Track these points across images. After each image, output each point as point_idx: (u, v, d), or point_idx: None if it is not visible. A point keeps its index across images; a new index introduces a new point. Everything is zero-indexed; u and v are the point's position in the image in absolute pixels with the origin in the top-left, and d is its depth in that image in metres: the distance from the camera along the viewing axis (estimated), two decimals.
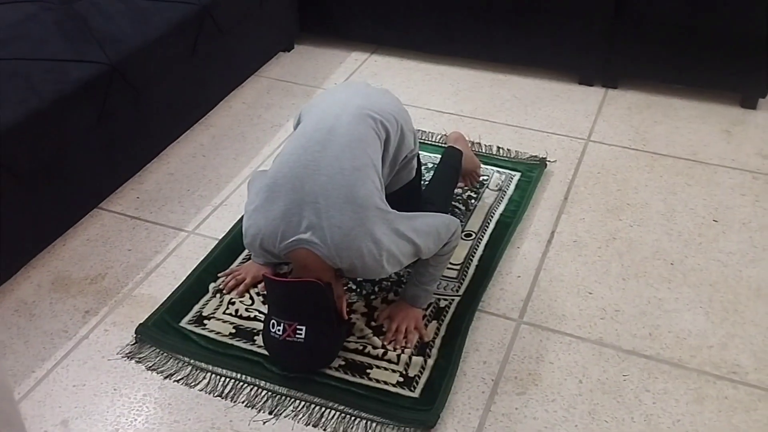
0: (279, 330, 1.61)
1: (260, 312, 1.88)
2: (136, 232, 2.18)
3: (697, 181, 2.35)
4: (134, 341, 1.82)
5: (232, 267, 2.02)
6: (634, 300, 1.91)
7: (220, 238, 2.13)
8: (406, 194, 1.87)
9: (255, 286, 1.95)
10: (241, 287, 1.94)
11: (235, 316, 1.87)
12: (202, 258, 2.06)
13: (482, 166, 2.37)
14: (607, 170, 2.40)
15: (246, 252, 2.06)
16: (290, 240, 1.57)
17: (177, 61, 2.38)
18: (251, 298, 1.92)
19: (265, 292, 1.92)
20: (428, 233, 1.66)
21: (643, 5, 2.63)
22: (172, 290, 1.95)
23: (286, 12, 3.01)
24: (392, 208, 1.64)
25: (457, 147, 2.21)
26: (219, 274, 2.00)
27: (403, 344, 1.77)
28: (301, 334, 1.59)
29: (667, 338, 1.81)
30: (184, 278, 1.99)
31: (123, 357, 1.78)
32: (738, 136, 2.56)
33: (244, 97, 2.83)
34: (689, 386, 1.69)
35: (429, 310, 1.87)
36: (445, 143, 2.35)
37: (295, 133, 1.72)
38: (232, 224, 2.18)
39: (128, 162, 2.31)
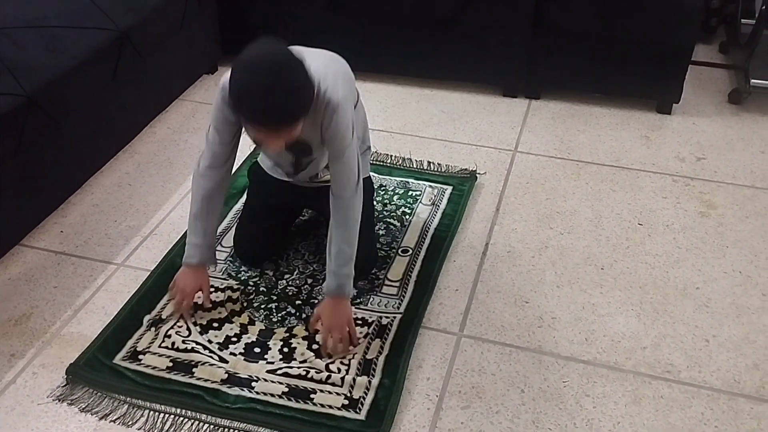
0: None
1: (197, 343, 1.83)
2: (62, 267, 2.09)
3: (621, 186, 2.42)
4: (65, 383, 1.74)
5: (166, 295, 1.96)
6: (569, 306, 1.96)
7: (152, 269, 2.07)
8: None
9: (197, 297, 1.90)
10: (187, 306, 1.87)
11: (172, 348, 1.82)
12: (134, 291, 1.99)
13: (415, 181, 2.39)
14: (535, 180, 2.46)
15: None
16: None
17: (97, 89, 2.31)
18: (188, 329, 1.87)
19: (201, 321, 1.88)
20: (352, 169, 1.71)
21: (560, 18, 2.72)
22: (104, 326, 1.88)
23: (208, 34, 2.97)
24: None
25: None
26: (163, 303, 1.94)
27: (343, 354, 1.76)
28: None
29: (602, 342, 1.85)
30: (116, 313, 1.92)
31: (54, 400, 1.70)
32: (656, 141, 2.66)
33: (168, 122, 2.77)
34: (626, 388, 1.73)
35: (372, 328, 1.86)
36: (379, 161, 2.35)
37: None
38: (164, 254, 2.12)
39: (50, 195, 2.22)
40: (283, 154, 1.82)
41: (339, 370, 1.76)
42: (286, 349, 1.82)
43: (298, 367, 1.77)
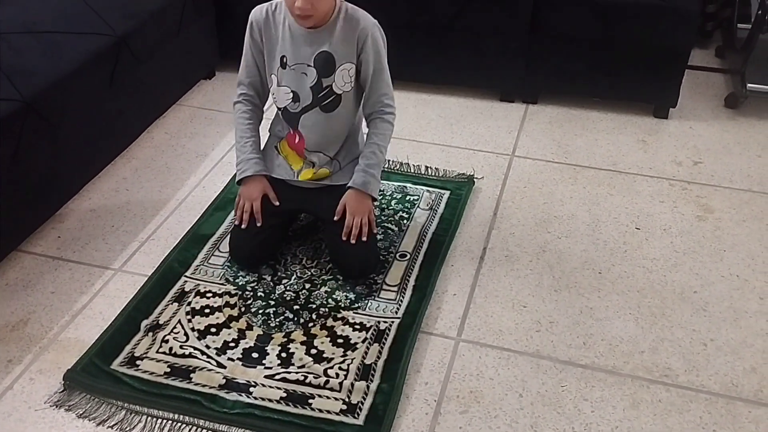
0: None
1: (195, 348, 1.83)
2: (59, 273, 2.09)
3: (619, 190, 2.43)
4: (63, 388, 1.73)
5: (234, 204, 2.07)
6: (567, 310, 1.96)
7: (149, 274, 2.07)
8: None
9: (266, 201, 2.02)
10: (257, 208, 1.99)
11: (170, 354, 1.81)
12: (131, 296, 1.99)
13: (412, 185, 2.40)
14: (533, 184, 2.46)
15: (176, 287, 2.01)
16: None
17: (94, 94, 2.31)
18: (185, 334, 1.87)
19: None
20: (389, 79, 1.98)
21: (556, 23, 2.72)
22: (101, 332, 1.88)
23: (206, 39, 2.98)
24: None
25: None
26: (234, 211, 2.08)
27: (357, 236, 1.94)
28: None
29: (600, 346, 1.85)
30: (113, 318, 1.92)
31: (51, 406, 1.70)
32: (653, 145, 2.67)
33: (166, 127, 2.77)
34: (624, 392, 1.73)
35: (370, 333, 1.86)
36: None
37: None
38: (161, 259, 2.12)
39: (47, 200, 2.22)
40: (308, 71, 1.90)
41: (337, 375, 1.75)
42: (284, 354, 1.81)
43: (296, 372, 1.76)
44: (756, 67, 2.82)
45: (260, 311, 1.94)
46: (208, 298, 1.98)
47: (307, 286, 2.02)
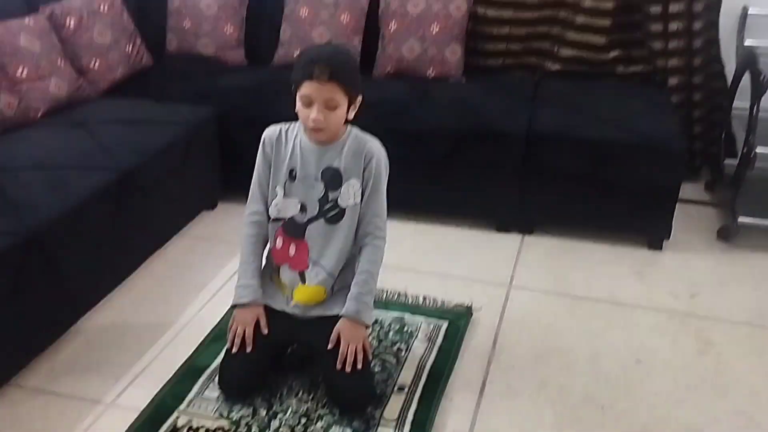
0: None
1: None
2: (50, 408, 2.04)
3: (617, 323, 2.42)
4: None
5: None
6: None
7: (142, 408, 2.02)
8: None
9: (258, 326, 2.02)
10: (249, 334, 2.00)
11: None
12: None
13: (410, 316, 2.39)
14: (531, 316, 2.45)
15: (168, 423, 1.95)
16: None
17: (98, 228, 2.35)
18: None
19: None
20: (384, 204, 2.05)
21: (550, 159, 2.82)
22: None
23: (209, 173, 3.06)
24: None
25: None
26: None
27: (353, 365, 1.93)
28: None
29: None
30: None
31: None
32: (649, 277, 2.69)
33: (167, 257, 2.79)
34: None
35: None
36: None
37: None
38: (154, 392, 2.07)
39: (43, 333, 2.20)
40: (315, 184, 1.99)
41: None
42: None
43: None
44: (745, 200, 2.89)
45: None
46: (205, 430, 1.92)
47: (303, 420, 1.97)
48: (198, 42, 3.43)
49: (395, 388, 2.09)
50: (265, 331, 2.02)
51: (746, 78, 2.94)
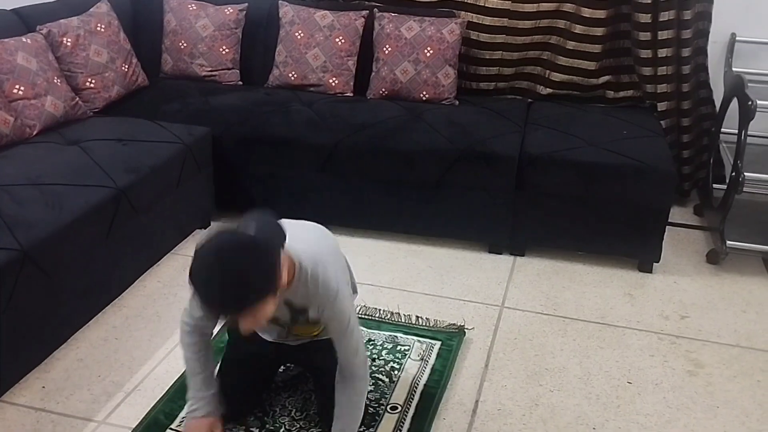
0: None
1: None
2: (41, 425, 2.02)
3: (608, 343, 2.44)
4: None
5: None
6: None
7: (133, 427, 2.01)
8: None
9: None
10: None
11: None
12: None
13: (403, 335, 2.39)
14: (523, 336, 2.47)
15: None
16: None
17: (92, 244, 2.36)
18: None
19: None
20: (358, 342, 1.79)
21: (541, 181, 2.85)
22: None
23: (203, 191, 3.07)
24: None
25: None
26: None
27: None
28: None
29: None
30: None
31: None
32: (640, 299, 2.71)
33: (159, 276, 2.79)
34: None
35: None
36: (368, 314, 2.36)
37: None
38: (146, 410, 2.07)
39: (34, 350, 2.19)
40: (280, 308, 1.79)
41: None
42: None
43: None
44: (734, 225, 2.93)
45: None
46: None
47: None
48: (194, 63, 3.46)
49: (388, 408, 2.09)
50: None
51: (734, 104, 2.99)
